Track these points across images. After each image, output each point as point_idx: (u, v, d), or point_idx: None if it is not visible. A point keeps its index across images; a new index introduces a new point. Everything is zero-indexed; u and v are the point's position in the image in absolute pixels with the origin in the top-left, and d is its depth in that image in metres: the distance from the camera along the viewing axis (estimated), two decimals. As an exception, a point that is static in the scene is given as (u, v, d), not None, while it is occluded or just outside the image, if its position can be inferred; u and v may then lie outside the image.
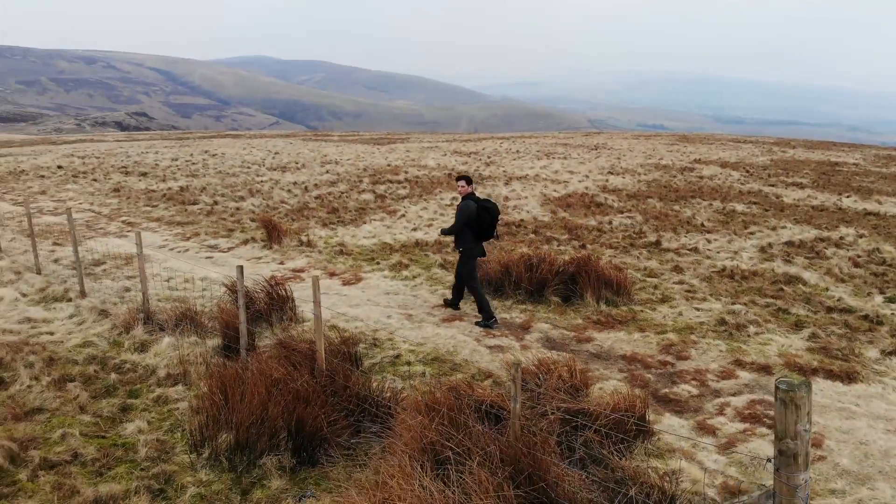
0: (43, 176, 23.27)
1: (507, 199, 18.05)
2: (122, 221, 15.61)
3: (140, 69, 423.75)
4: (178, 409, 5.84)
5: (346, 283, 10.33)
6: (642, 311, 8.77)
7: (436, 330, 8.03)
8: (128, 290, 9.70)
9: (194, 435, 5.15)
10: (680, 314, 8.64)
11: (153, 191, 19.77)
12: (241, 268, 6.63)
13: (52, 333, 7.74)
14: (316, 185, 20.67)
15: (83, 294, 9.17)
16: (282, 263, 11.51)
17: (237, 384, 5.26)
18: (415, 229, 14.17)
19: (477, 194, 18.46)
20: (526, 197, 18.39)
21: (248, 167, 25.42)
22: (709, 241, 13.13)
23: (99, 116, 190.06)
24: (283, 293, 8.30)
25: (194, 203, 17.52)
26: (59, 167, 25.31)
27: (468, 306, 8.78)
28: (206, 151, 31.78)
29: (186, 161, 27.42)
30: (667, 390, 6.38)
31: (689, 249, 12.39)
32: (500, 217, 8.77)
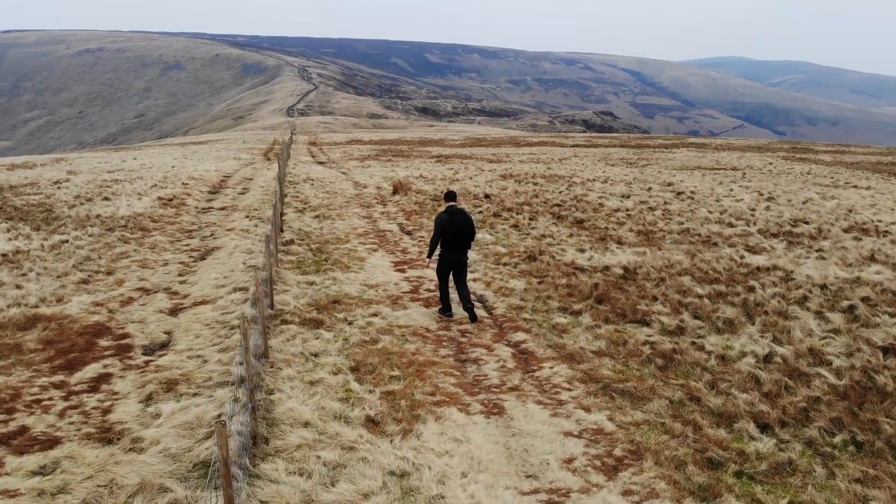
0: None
1: None
2: (515, 348, 8.90)
3: (613, 70, 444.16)
4: None
5: None
6: None
7: None
8: None
9: None
10: None
11: (581, 270, 12.70)
12: None
13: None
14: (868, 299, 10.83)
15: None
16: None
17: None
18: None
19: None
20: None
21: (731, 225, 16.67)
22: None
23: (569, 115, 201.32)
24: None
25: (643, 321, 9.79)
26: (486, 196, 20.62)
27: None
28: (668, 186, 23.84)
29: (640, 202, 20.05)
30: None
31: None
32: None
